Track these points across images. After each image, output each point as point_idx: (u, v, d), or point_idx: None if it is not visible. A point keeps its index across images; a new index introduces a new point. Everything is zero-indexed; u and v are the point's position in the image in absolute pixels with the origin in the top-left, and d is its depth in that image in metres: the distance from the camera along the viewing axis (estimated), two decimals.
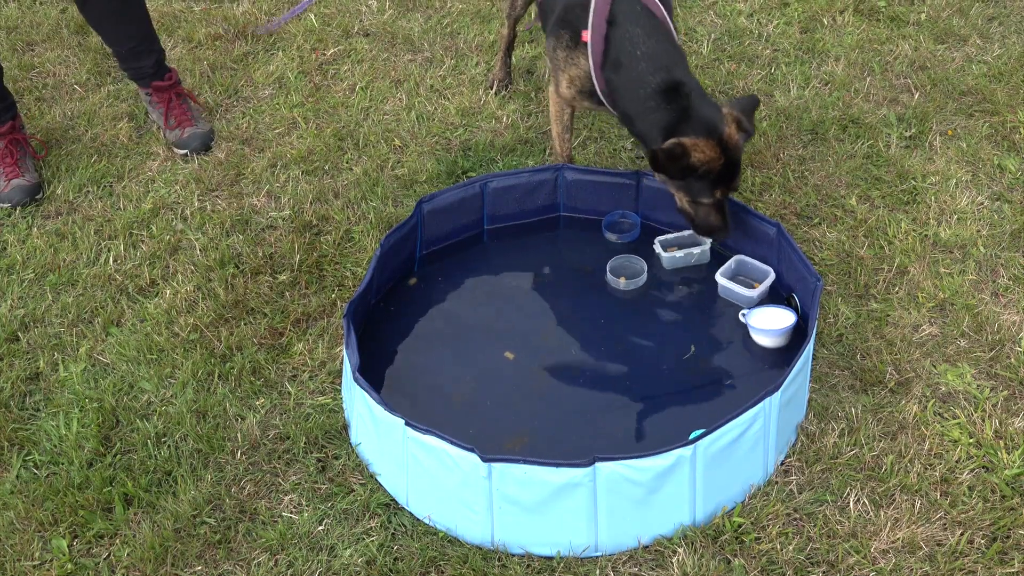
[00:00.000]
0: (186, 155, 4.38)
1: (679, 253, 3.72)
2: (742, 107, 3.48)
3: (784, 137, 4.44)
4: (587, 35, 3.52)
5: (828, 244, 3.89)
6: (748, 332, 3.44)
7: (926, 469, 3.11)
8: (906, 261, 3.80)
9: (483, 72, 4.88)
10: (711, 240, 3.71)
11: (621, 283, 3.66)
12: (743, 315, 3.42)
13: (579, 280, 3.75)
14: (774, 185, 4.16)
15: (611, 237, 3.86)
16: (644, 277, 3.68)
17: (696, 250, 3.73)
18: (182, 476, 3.11)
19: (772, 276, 3.59)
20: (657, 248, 3.73)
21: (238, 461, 3.17)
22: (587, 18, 3.51)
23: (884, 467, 3.10)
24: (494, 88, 4.61)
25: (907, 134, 4.43)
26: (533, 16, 4.97)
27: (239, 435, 3.22)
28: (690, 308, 3.63)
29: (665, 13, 3.55)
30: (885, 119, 4.50)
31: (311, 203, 4.13)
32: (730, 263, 3.64)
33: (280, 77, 4.89)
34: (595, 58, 3.51)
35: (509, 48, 4.59)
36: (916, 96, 4.63)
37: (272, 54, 4.97)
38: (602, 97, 3.58)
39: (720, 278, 3.58)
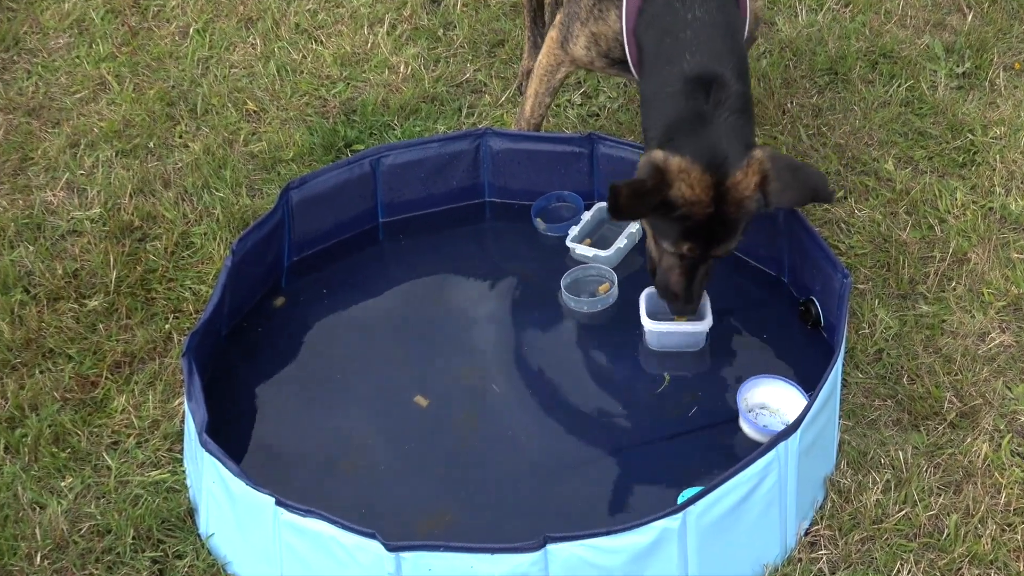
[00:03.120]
0: None
1: (586, 250, 3.74)
2: (794, 172, 3.24)
3: (792, 81, 4.50)
4: None
5: (858, 226, 3.95)
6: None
7: (1003, 532, 3.17)
8: (965, 245, 3.87)
9: (369, 3, 4.88)
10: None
11: (584, 305, 3.69)
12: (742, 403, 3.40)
13: (515, 293, 3.76)
14: (781, 147, 4.22)
15: (541, 227, 3.89)
16: (614, 292, 3.71)
17: (604, 252, 3.74)
18: None
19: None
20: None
21: (38, 569, 3.12)
22: None
23: (946, 531, 3.15)
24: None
25: (959, 70, 4.52)
26: None
27: (38, 531, 3.18)
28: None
29: None
30: (929, 51, 4.58)
31: (131, 196, 4.10)
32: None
33: (80, 19, 4.84)
34: (629, 14, 3.49)
35: (535, 18, 4.45)
36: (970, 17, 4.72)
37: None
38: (632, 66, 3.55)
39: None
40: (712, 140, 3.24)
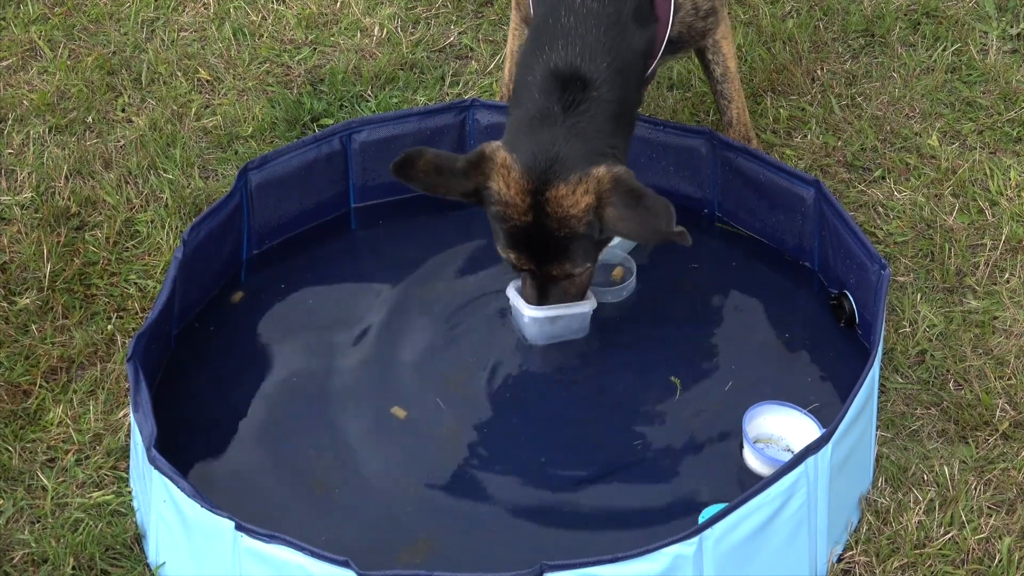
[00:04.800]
0: None
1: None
2: (637, 202, 3.26)
3: (822, 44, 4.52)
4: None
5: (898, 209, 3.98)
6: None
7: None
8: (1020, 232, 3.89)
9: None
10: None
11: (608, 296, 3.72)
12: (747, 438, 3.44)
13: (501, 287, 3.79)
14: (809, 120, 4.24)
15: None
16: (632, 282, 3.75)
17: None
18: None
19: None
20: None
21: None
22: None
23: (998, 556, 3.18)
24: None
25: (1013, 31, 4.53)
26: None
27: None
28: (661, 320, 3.71)
29: None
30: (978, 9, 4.60)
31: (66, 179, 4.11)
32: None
33: None
34: None
35: None
36: None
37: None
38: None
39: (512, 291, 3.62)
40: (545, 143, 3.30)
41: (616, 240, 3.74)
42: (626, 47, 3.42)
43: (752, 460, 3.31)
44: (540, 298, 3.49)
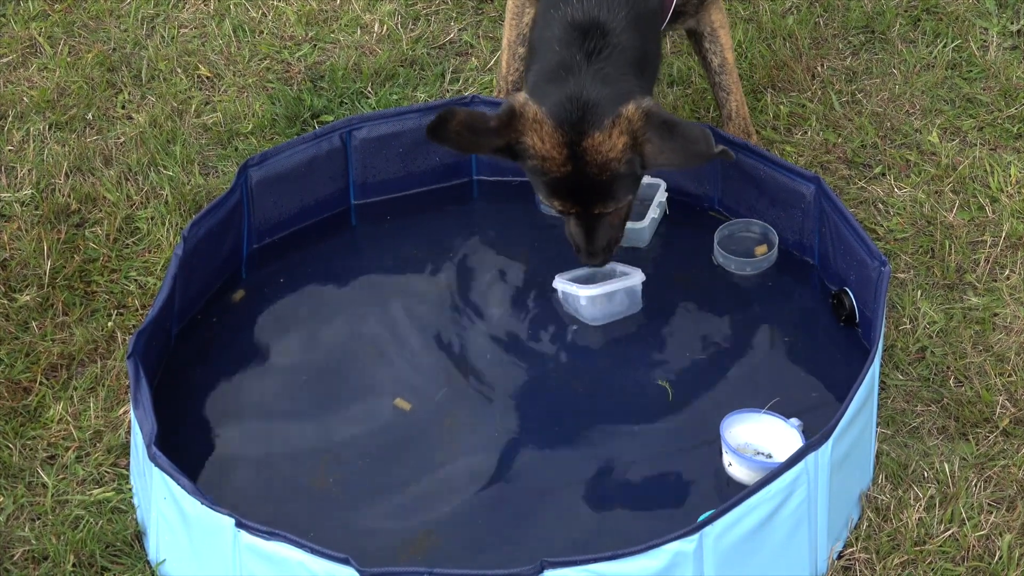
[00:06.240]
0: None
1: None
2: (671, 131, 3.32)
3: (822, 40, 4.52)
4: None
5: (898, 206, 3.98)
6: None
7: None
8: (1020, 228, 3.90)
9: None
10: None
11: (747, 267, 3.75)
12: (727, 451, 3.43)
13: (508, 284, 3.81)
14: (809, 116, 4.25)
15: (549, 210, 3.91)
16: (774, 254, 3.77)
17: (638, 224, 3.79)
18: None
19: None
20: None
21: None
22: None
23: (998, 554, 3.19)
24: None
25: (1013, 28, 4.53)
26: None
27: None
28: (659, 316, 3.72)
29: None
30: (979, 5, 4.60)
31: (67, 175, 4.12)
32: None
33: None
34: None
35: None
36: None
37: None
38: None
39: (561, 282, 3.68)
40: (573, 94, 3.35)
41: (642, 224, 3.80)
42: (642, 1, 3.48)
43: (738, 470, 3.30)
44: (588, 237, 3.51)
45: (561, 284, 3.65)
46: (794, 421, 3.36)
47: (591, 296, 3.61)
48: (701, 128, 3.33)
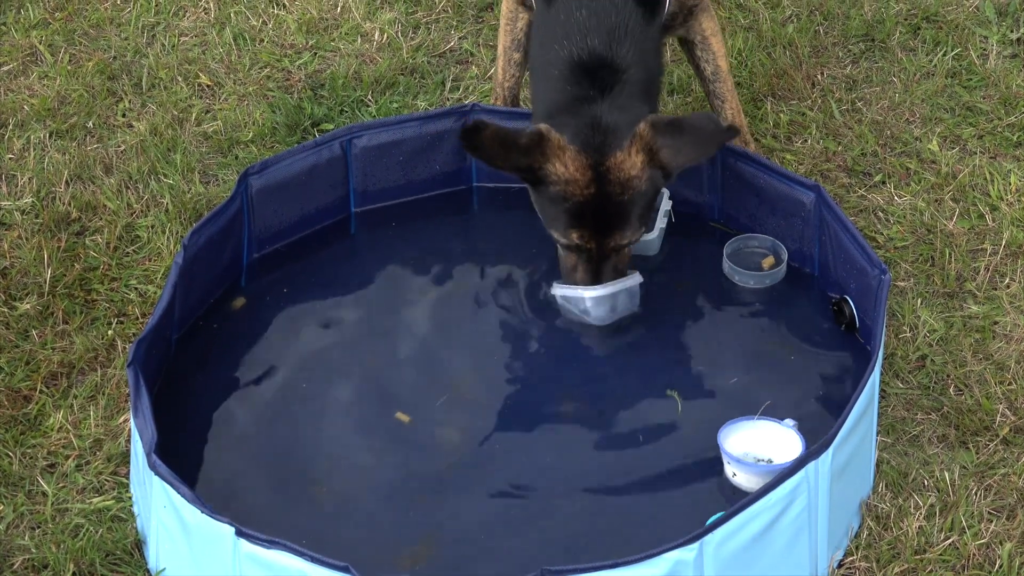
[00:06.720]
0: None
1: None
2: (678, 128, 3.44)
3: (823, 48, 4.52)
4: None
5: (898, 214, 3.98)
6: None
7: None
8: (1020, 236, 3.90)
9: None
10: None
11: (751, 280, 3.76)
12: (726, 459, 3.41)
13: (508, 294, 3.81)
14: (809, 124, 4.25)
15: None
16: (782, 269, 3.78)
17: (648, 235, 3.80)
18: None
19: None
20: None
21: None
22: None
23: (998, 562, 3.18)
24: None
25: (1013, 36, 4.54)
26: None
27: None
28: (660, 325, 3.72)
29: None
30: (979, 14, 4.60)
31: (67, 183, 4.12)
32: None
33: None
34: None
35: None
36: None
37: None
38: None
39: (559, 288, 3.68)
40: (593, 121, 3.46)
41: (651, 235, 3.81)
42: (640, 31, 3.54)
43: (743, 478, 3.29)
44: (594, 277, 3.58)
45: (561, 290, 3.66)
46: (789, 421, 3.35)
47: (596, 296, 3.62)
48: (702, 114, 3.47)
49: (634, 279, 3.67)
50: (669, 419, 3.47)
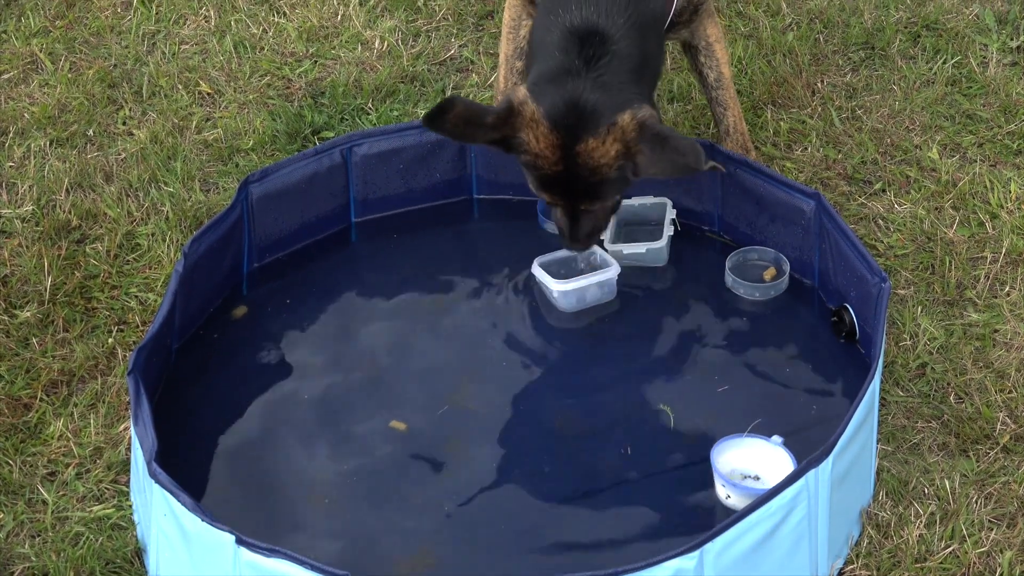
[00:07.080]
0: None
1: (636, 247, 3.84)
2: (663, 143, 3.37)
3: (822, 56, 4.53)
4: None
5: (898, 222, 3.99)
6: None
7: None
8: (1020, 244, 3.90)
9: None
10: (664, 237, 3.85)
11: (756, 292, 3.76)
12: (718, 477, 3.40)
13: (507, 303, 3.82)
14: (809, 132, 4.25)
15: (552, 228, 3.91)
16: (784, 281, 3.78)
17: (656, 244, 3.83)
18: None
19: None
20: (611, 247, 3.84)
21: None
22: None
23: (999, 570, 3.18)
24: None
25: (1013, 44, 4.54)
26: None
27: None
28: (659, 333, 3.72)
29: None
30: (978, 22, 4.61)
31: (67, 192, 4.12)
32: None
33: None
34: None
35: None
36: None
37: None
38: None
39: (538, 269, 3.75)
40: (571, 98, 3.41)
41: (659, 244, 3.82)
42: (643, 6, 3.52)
43: (735, 499, 3.28)
44: (573, 226, 3.58)
45: (537, 272, 3.73)
46: (776, 439, 3.35)
47: (563, 291, 3.69)
48: (692, 143, 3.36)
49: (608, 272, 3.71)
50: (667, 429, 3.47)
